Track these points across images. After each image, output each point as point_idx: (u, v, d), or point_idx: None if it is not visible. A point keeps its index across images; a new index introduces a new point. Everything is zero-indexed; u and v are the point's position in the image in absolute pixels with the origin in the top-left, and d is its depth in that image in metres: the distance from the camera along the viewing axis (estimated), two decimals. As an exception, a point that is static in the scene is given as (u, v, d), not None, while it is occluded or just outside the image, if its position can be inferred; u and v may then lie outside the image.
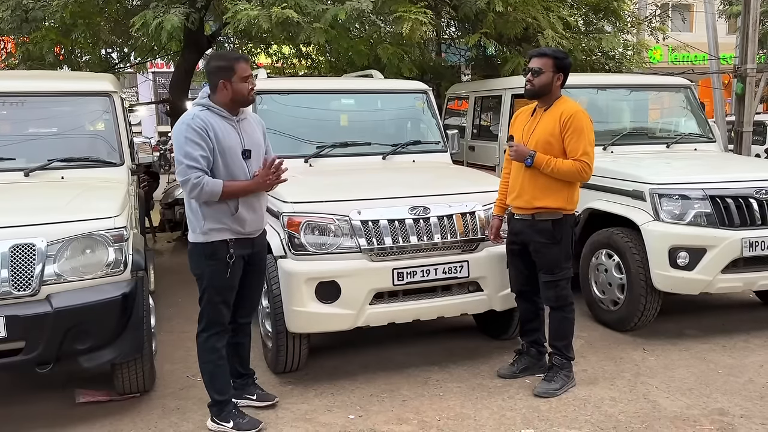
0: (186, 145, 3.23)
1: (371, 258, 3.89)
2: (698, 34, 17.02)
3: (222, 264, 3.35)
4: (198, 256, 3.38)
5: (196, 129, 3.24)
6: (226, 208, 3.33)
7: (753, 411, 3.66)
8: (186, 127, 3.25)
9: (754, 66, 10.51)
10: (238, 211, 3.34)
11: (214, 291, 3.39)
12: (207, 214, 3.32)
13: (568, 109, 3.76)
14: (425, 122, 5.64)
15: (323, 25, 6.40)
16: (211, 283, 3.38)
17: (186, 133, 3.24)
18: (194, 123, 3.25)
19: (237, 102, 3.37)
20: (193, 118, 3.27)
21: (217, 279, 3.37)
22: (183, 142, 3.24)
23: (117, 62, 10.20)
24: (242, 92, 3.34)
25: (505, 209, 4.08)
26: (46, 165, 4.34)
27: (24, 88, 4.74)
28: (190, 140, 3.23)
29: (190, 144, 3.22)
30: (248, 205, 3.39)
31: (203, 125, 3.25)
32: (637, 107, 6.61)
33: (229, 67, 3.33)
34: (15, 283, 3.25)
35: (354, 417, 3.66)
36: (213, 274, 3.36)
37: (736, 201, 4.59)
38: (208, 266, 3.36)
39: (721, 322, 5.15)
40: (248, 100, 3.40)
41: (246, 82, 3.35)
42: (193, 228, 3.38)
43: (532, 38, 7.87)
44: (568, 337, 3.95)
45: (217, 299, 3.40)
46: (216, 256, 3.34)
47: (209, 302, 3.41)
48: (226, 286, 3.41)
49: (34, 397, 3.96)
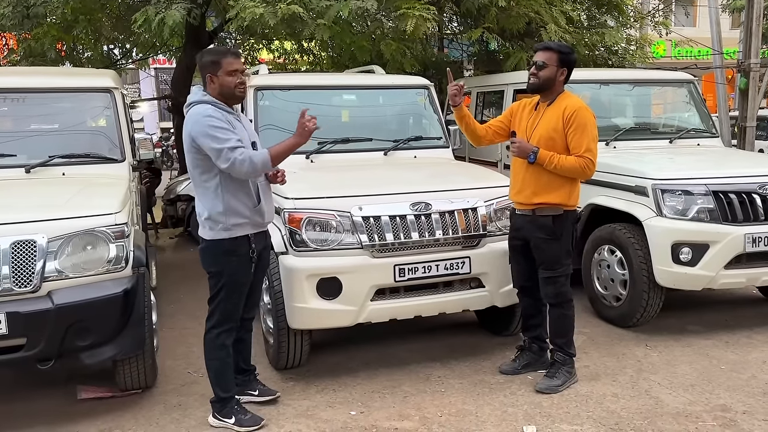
0: (216, 132, 3.18)
1: (372, 254, 3.88)
2: (702, 29, 16.95)
3: (244, 259, 3.37)
4: (217, 252, 3.34)
5: (218, 117, 3.23)
6: (248, 200, 3.34)
7: (756, 407, 3.65)
8: (207, 119, 3.21)
9: (758, 61, 10.44)
10: (261, 201, 3.38)
11: (233, 287, 3.38)
12: (229, 208, 3.29)
13: (572, 104, 3.74)
14: (427, 118, 5.63)
15: (327, 21, 6.38)
16: (232, 279, 3.37)
17: (210, 123, 3.20)
18: (216, 113, 3.24)
19: (224, 96, 3.33)
20: (207, 112, 3.25)
21: (239, 275, 3.38)
22: (212, 132, 3.18)
23: (119, 58, 10.20)
24: (228, 86, 3.30)
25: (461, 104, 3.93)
26: (47, 161, 4.34)
27: (25, 84, 4.74)
28: (217, 128, 3.20)
29: (219, 131, 3.19)
30: (266, 195, 3.44)
31: (221, 116, 3.26)
32: (640, 102, 6.58)
33: (216, 62, 3.31)
34: (16, 279, 3.25)
35: (355, 413, 3.66)
36: (235, 270, 3.36)
37: (740, 196, 4.57)
38: (229, 263, 3.34)
39: (724, 318, 5.14)
40: (235, 94, 3.34)
41: (232, 76, 3.30)
42: (212, 225, 3.32)
43: (534, 33, 7.84)
44: (568, 334, 3.94)
45: (235, 296, 3.41)
46: (238, 251, 3.35)
47: (226, 299, 3.39)
48: (245, 282, 3.44)
49: (36, 394, 3.97)
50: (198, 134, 3.22)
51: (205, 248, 3.39)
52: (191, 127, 3.25)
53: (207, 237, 3.36)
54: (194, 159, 3.32)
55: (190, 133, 3.25)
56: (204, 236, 3.38)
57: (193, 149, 3.29)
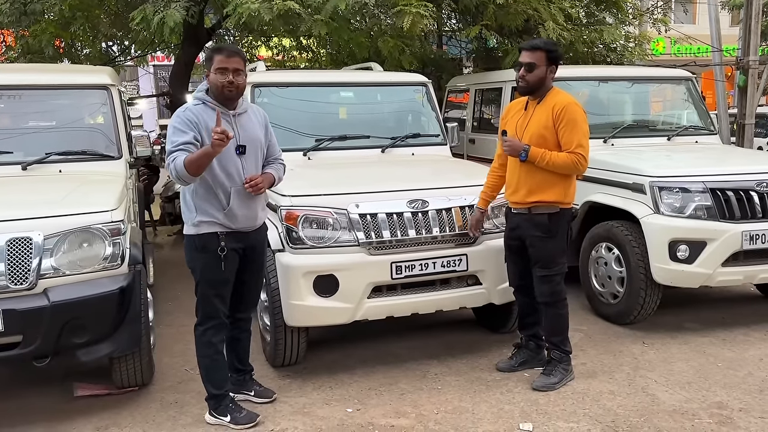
0: (173, 134, 3.23)
1: (369, 251, 3.88)
2: (701, 26, 16.91)
3: (213, 257, 3.33)
4: (191, 248, 3.38)
5: (185, 119, 3.25)
6: (216, 202, 3.30)
7: (752, 404, 3.65)
8: (175, 118, 3.28)
9: (757, 58, 10.45)
10: (230, 205, 3.30)
11: (206, 284, 3.38)
12: (198, 206, 3.31)
13: (561, 101, 3.73)
14: (425, 115, 5.62)
15: (324, 17, 6.37)
16: (204, 276, 3.37)
17: (174, 123, 3.25)
18: (184, 115, 3.27)
19: (214, 94, 3.31)
20: (185, 110, 3.30)
21: (208, 272, 3.36)
22: (171, 133, 3.25)
23: (117, 55, 10.17)
24: (214, 83, 3.27)
25: (489, 203, 4.05)
26: (44, 158, 4.33)
27: (21, 81, 4.73)
28: (177, 129, 3.23)
29: (176, 133, 3.23)
30: (241, 201, 3.34)
31: (193, 117, 3.25)
32: (638, 99, 6.58)
33: (209, 58, 3.33)
34: (12, 276, 3.25)
35: (352, 410, 3.65)
36: (205, 266, 3.35)
37: (737, 194, 4.57)
38: (200, 259, 3.35)
39: (721, 316, 5.14)
40: (223, 93, 3.26)
41: (220, 74, 3.23)
42: (186, 220, 3.39)
43: (533, 30, 7.82)
44: (563, 332, 3.94)
45: (210, 292, 3.39)
46: (207, 248, 3.33)
47: (203, 295, 3.41)
48: (219, 279, 3.38)
49: (32, 391, 3.96)
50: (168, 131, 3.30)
51: (184, 244, 3.45)
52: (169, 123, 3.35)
53: (184, 232, 3.44)
54: None
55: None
56: (183, 231, 3.46)
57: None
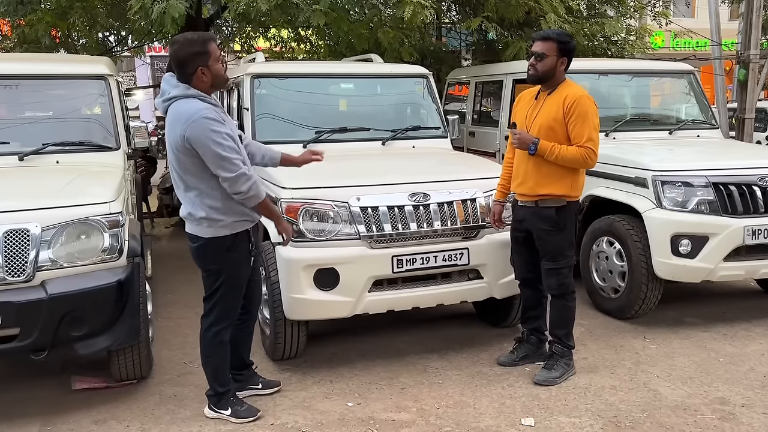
0: (221, 139, 3.04)
1: (370, 245, 3.85)
2: (701, 20, 16.85)
3: (245, 254, 3.34)
4: (218, 250, 3.24)
5: (219, 120, 3.08)
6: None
7: (754, 400, 3.64)
8: (209, 122, 3.03)
9: (758, 52, 10.39)
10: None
11: (235, 283, 3.34)
12: (229, 207, 3.20)
13: (573, 93, 3.68)
14: (425, 107, 5.58)
15: (322, 7, 6.32)
16: (234, 275, 3.32)
17: (212, 127, 3.03)
18: (214, 116, 3.07)
19: (216, 86, 3.24)
20: (201, 110, 3.06)
21: (240, 270, 3.35)
22: (215, 137, 3.02)
23: (114, 45, 10.10)
24: (220, 73, 3.18)
25: (507, 195, 4.03)
26: (41, 149, 4.29)
27: (18, 70, 4.67)
28: (221, 133, 3.05)
29: (224, 137, 3.05)
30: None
31: (218, 116, 3.10)
32: (640, 93, 6.54)
33: (204, 52, 3.11)
34: (9, 269, 3.21)
35: (352, 404, 3.63)
36: (237, 265, 3.32)
37: (740, 188, 4.54)
38: (230, 259, 3.28)
39: (723, 311, 5.13)
40: (227, 80, 3.25)
41: (220, 62, 3.19)
42: (211, 224, 3.20)
43: (534, 22, 7.80)
44: (568, 326, 3.91)
45: (236, 293, 3.37)
46: (240, 247, 3.30)
47: (228, 295, 3.33)
48: (245, 277, 3.40)
49: (30, 384, 3.93)
50: (197, 138, 3.03)
51: (204, 246, 3.25)
52: (186, 129, 3.03)
53: (206, 235, 3.22)
54: (185, 162, 3.12)
55: (185, 135, 3.04)
56: (202, 234, 3.23)
57: (186, 151, 3.08)
